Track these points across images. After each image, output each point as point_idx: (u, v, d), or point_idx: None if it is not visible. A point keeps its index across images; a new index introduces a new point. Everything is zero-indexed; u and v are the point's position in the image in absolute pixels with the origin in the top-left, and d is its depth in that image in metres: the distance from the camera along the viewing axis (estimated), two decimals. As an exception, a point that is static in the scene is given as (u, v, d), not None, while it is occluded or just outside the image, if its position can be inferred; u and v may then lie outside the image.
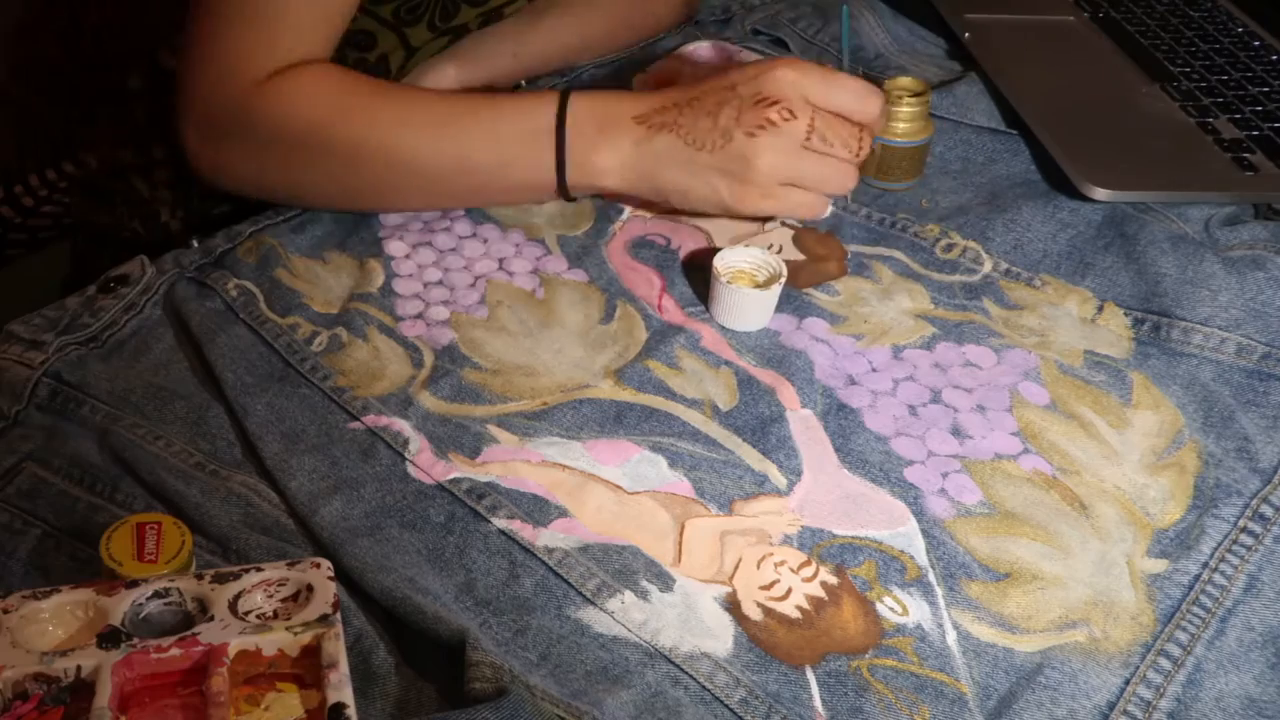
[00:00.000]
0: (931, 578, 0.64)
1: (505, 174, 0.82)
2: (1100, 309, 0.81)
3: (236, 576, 0.57)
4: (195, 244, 0.82)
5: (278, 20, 0.81)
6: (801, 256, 0.85)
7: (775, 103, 0.77)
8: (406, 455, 0.69)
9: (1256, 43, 1.09)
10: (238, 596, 0.56)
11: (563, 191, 0.82)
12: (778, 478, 0.69)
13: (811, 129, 0.77)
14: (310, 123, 0.80)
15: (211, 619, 0.55)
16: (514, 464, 0.69)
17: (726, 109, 0.78)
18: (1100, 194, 0.89)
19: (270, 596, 0.57)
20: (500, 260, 0.83)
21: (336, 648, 0.54)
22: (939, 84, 1.02)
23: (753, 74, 0.78)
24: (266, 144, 0.81)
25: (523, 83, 0.98)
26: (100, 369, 0.73)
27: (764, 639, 0.61)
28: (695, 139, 0.79)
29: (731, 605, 0.62)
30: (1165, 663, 0.61)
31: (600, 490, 0.67)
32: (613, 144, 0.80)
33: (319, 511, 0.65)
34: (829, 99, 0.78)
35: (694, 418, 0.72)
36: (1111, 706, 0.60)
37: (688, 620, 0.61)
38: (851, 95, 0.78)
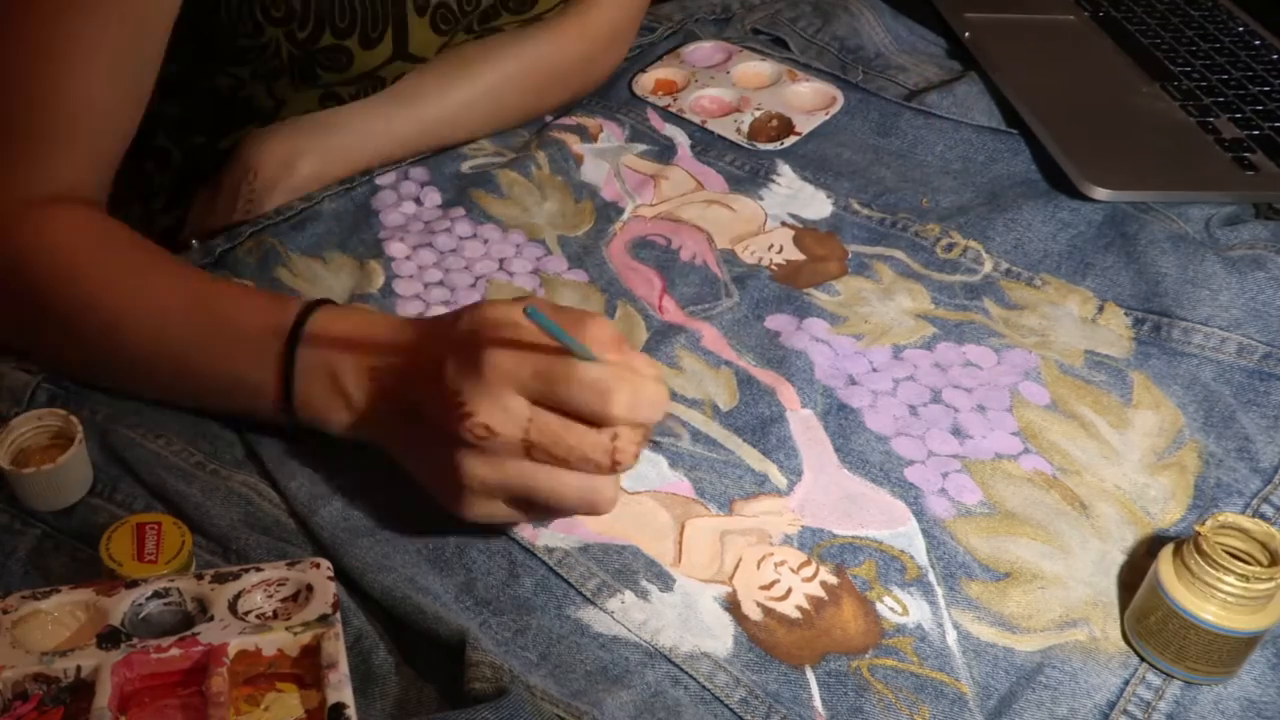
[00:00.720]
0: (931, 577, 0.64)
1: (224, 397, 0.68)
2: (1101, 309, 0.81)
3: (236, 576, 0.57)
4: (195, 244, 0.82)
5: (31, 139, 0.70)
6: (802, 256, 0.85)
7: (470, 414, 0.57)
8: (406, 455, 0.68)
9: (1257, 42, 1.09)
10: (237, 596, 0.56)
11: (290, 426, 0.67)
12: (778, 478, 0.69)
13: (529, 444, 0.57)
14: (39, 271, 0.68)
15: (211, 619, 0.55)
16: (514, 464, 0.68)
17: (431, 403, 0.59)
18: (1100, 194, 0.89)
19: (270, 596, 0.57)
20: (501, 261, 0.83)
21: (336, 648, 0.54)
22: (939, 84, 1.02)
23: (464, 355, 0.58)
24: (10, 293, 0.70)
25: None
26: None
27: (764, 639, 0.61)
28: (408, 430, 0.62)
29: (731, 605, 0.62)
30: (1165, 663, 0.61)
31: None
32: (344, 404, 0.64)
33: (319, 511, 0.65)
34: (554, 399, 0.57)
35: (694, 417, 0.72)
36: (1111, 706, 0.60)
37: (688, 620, 0.61)
38: (581, 394, 0.57)
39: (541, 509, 0.61)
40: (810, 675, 0.60)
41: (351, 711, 0.52)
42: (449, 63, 0.89)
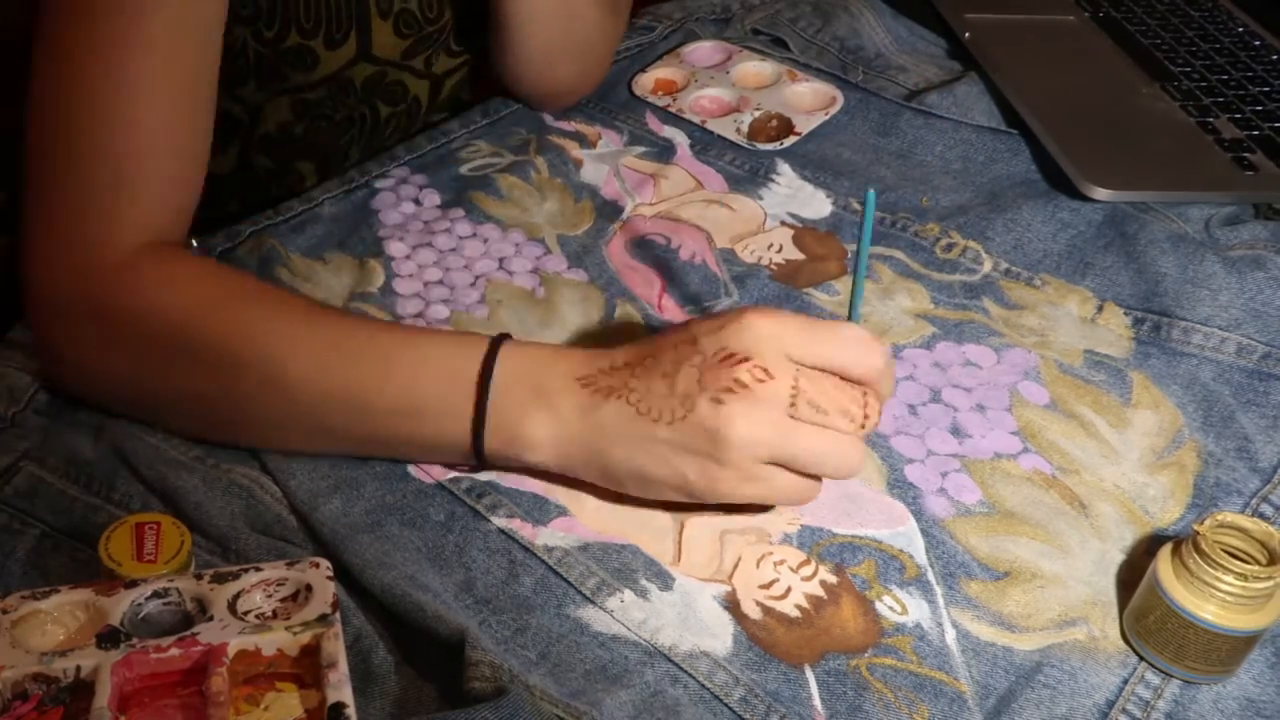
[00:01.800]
0: (931, 577, 0.64)
1: (406, 425, 0.65)
2: (1100, 309, 0.81)
3: (236, 576, 0.57)
4: (194, 244, 0.82)
5: (120, 187, 0.67)
6: (801, 256, 0.85)
7: (745, 359, 0.60)
8: (406, 455, 0.68)
9: (1257, 42, 1.09)
10: (237, 596, 0.56)
11: (479, 460, 0.65)
12: (777, 477, 0.69)
13: (796, 393, 0.60)
14: (174, 319, 0.65)
15: (211, 619, 0.55)
16: (513, 463, 0.69)
17: (686, 368, 0.61)
18: (1100, 194, 0.89)
19: (269, 596, 0.57)
20: (500, 260, 0.83)
21: (336, 647, 0.54)
22: (939, 84, 1.02)
23: (717, 324, 0.61)
24: (121, 341, 0.66)
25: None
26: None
27: (763, 638, 0.61)
28: (650, 406, 0.61)
29: (731, 604, 0.62)
30: (1165, 662, 0.61)
31: (600, 489, 0.67)
32: (549, 411, 0.63)
33: (319, 509, 0.65)
34: (817, 354, 0.60)
35: (693, 417, 0.72)
36: (1110, 705, 0.60)
37: (687, 619, 0.61)
38: (847, 348, 0.61)
39: (786, 482, 0.62)
40: (809, 674, 0.60)
41: (351, 711, 0.52)
42: None
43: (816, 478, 0.63)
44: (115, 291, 0.66)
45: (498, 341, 0.64)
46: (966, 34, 1.08)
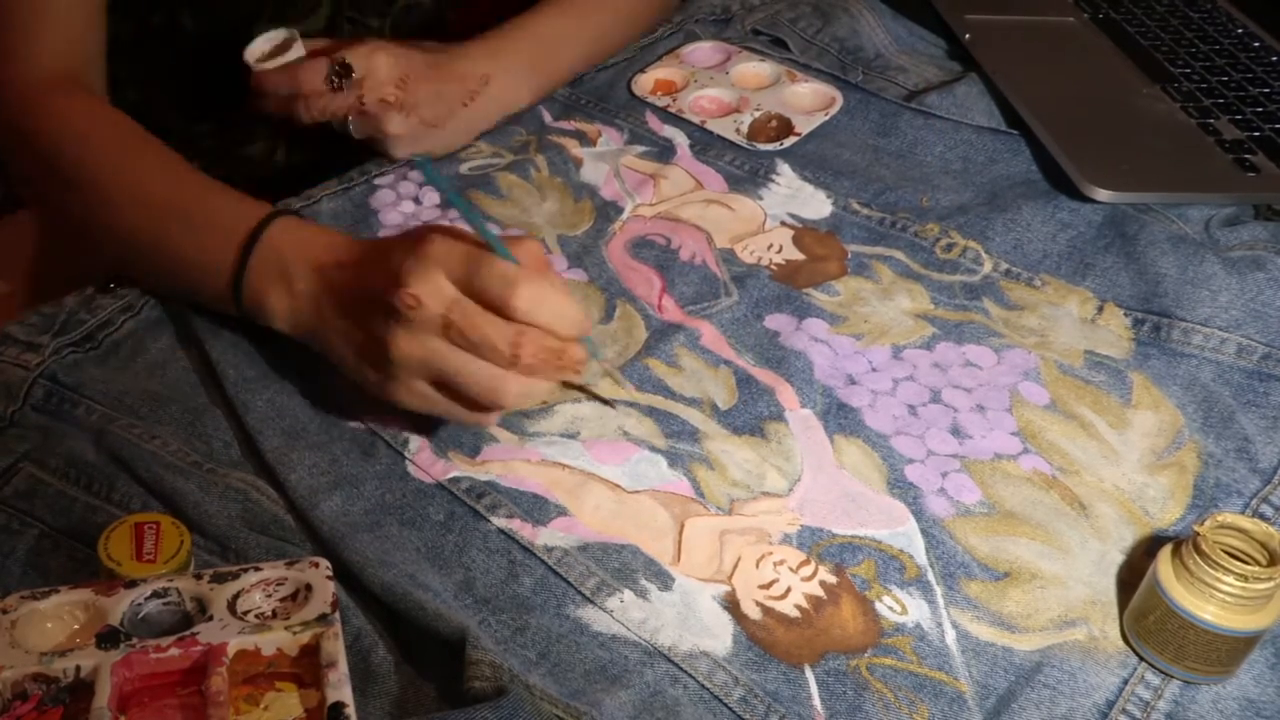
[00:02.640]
0: (931, 577, 0.64)
1: (188, 274, 0.74)
2: (1100, 309, 0.81)
3: (235, 576, 0.57)
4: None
5: (22, 36, 0.81)
6: (801, 256, 0.85)
7: (403, 285, 0.63)
8: (406, 454, 0.69)
9: (1257, 43, 1.09)
10: (236, 596, 0.56)
11: (240, 312, 0.73)
12: (777, 477, 0.69)
13: (449, 323, 0.63)
14: (52, 144, 0.79)
15: (210, 619, 0.55)
16: (513, 463, 0.69)
17: (374, 280, 0.65)
18: (1101, 194, 0.89)
19: (269, 596, 0.57)
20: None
21: (335, 647, 0.54)
22: (939, 84, 1.02)
23: (409, 244, 0.65)
24: (27, 156, 0.81)
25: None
26: (96, 371, 0.73)
27: (763, 638, 0.61)
28: (349, 309, 0.67)
29: (730, 604, 0.62)
30: (1165, 662, 0.61)
31: (599, 489, 0.67)
32: (287, 289, 0.70)
33: (319, 506, 0.65)
34: (472, 287, 0.63)
35: (694, 416, 0.72)
36: (1110, 705, 0.59)
37: (687, 619, 0.61)
38: (495, 284, 0.63)
39: (454, 397, 0.66)
40: (809, 674, 0.60)
41: (351, 711, 0.52)
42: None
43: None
44: (22, 116, 0.80)
45: (272, 217, 0.72)
46: (966, 35, 1.08)
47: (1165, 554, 0.60)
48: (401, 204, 0.87)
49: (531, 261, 0.65)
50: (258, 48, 0.85)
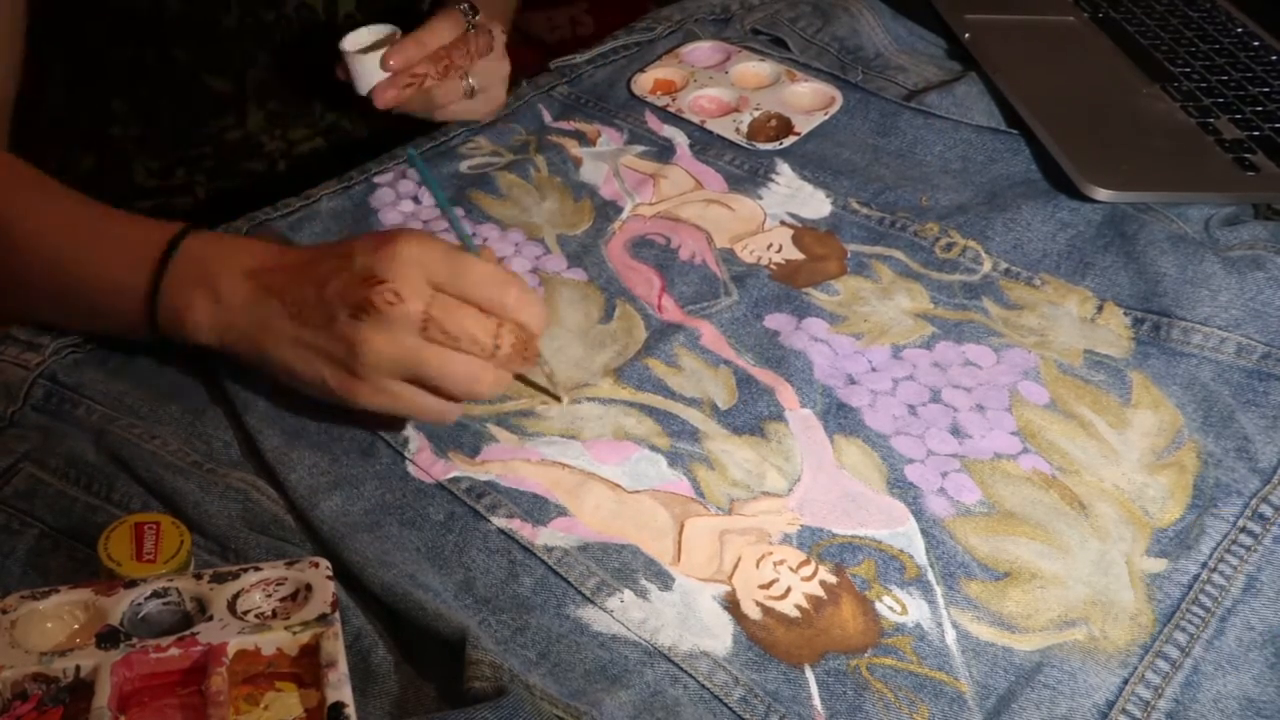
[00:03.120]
0: (931, 577, 0.64)
1: (95, 301, 0.71)
2: (1100, 309, 0.81)
3: (235, 576, 0.57)
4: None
5: None
6: (801, 256, 0.85)
7: (381, 283, 0.63)
8: (406, 454, 0.69)
9: (1256, 43, 1.09)
10: (236, 596, 0.56)
11: (154, 333, 0.70)
12: (777, 477, 0.69)
13: (427, 318, 0.63)
14: None
15: (210, 619, 0.55)
16: (513, 463, 0.69)
17: (334, 280, 0.64)
18: (1101, 194, 0.89)
19: (269, 596, 0.57)
20: (500, 260, 0.83)
21: (335, 647, 0.54)
22: (939, 84, 1.02)
23: (372, 244, 0.65)
24: None
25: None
26: (96, 371, 0.73)
27: (763, 638, 0.61)
28: (299, 310, 0.65)
29: (730, 604, 0.62)
30: (1163, 663, 0.61)
31: (599, 489, 0.67)
32: (213, 298, 0.67)
33: (319, 505, 0.65)
34: (455, 285, 0.64)
35: (694, 416, 0.72)
36: (1110, 706, 0.60)
37: (687, 619, 0.61)
38: (478, 283, 0.64)
39: (428, 394, 0.65)
40: (809, 674, 0.60)
41: (351, 710, 0.52)
42: None
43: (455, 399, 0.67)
44: None
45: (186, 232, 0.69)
46: (966, 34, 1.08)
47: None
48: (401, 203, 0.87)
49: (494, 261, 0.68)
50: (360, 38, 0.87)
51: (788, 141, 0.95)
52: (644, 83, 1.01)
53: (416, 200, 0.88)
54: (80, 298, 0.72)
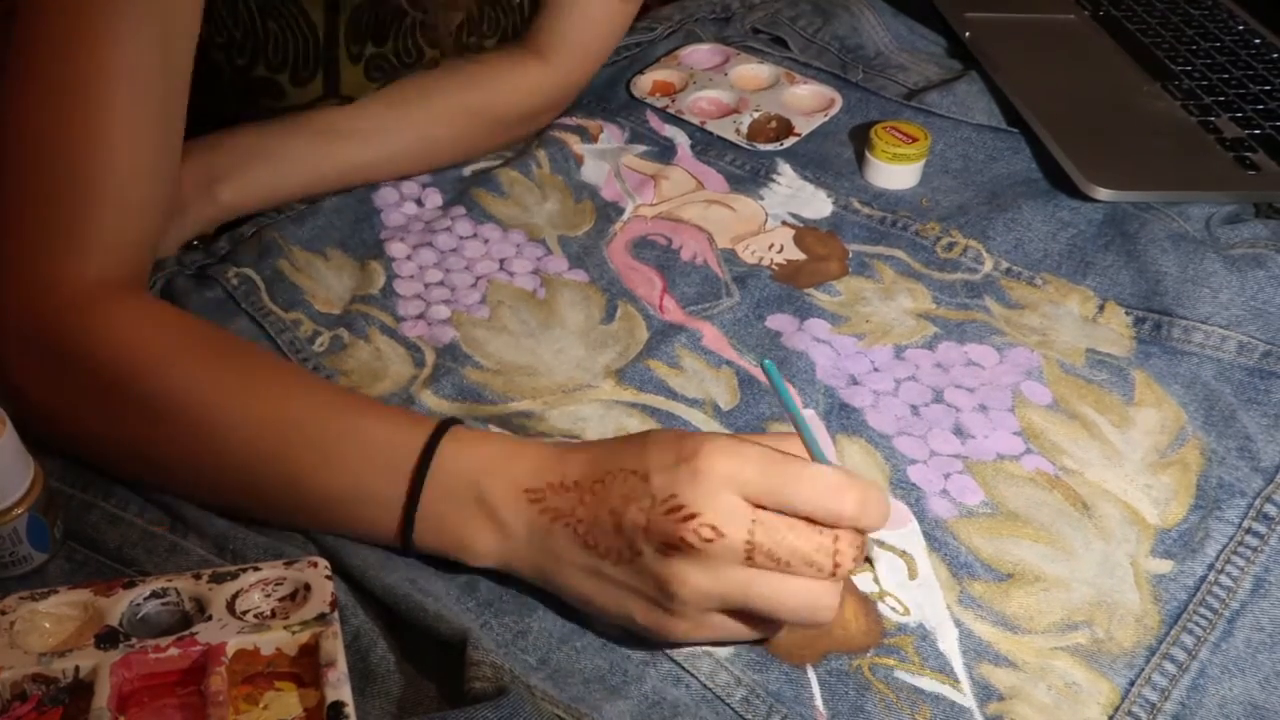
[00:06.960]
0: (933, 578, 0.64)
1: (339, 511, 0.61)
2: (1101, 308, 0.81)
3: (234, 576, 0.57)
4: (196, 244, 0.82)
5: (82, 227, 0.64)
6: (802, 256, 0.84)
7: (693, 515, 0.53)
8: (406, 455, 0.68)
9: (1257, 41, 1.09)
10: (235, 596, 0.56)
11: (407, 549, 0.61)
12: (779, 477, 0.68)
13: (752, 547, 0.54)
14: (121, 369, 0.62)
15: (209, 619, 0.55)
16: (514, 464, 0.68)
17: (634, 509, 0.55)
18: (1102, 193, 0.89)
19: (268, 596, 0.57)
20: (501, 261, 0.83)
21: (335, 646, 0.54)
22: (939, 83, 1.02)
23: (672, 458, 0.55)
24: (71, 384, 0.63)
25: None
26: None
27: (766, 639, 0.60)
28: (596, 541, 0.56)
29: (733, 605, 0.62)
30: (1170, 665, 0.61)
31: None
32: (494, 524, 0.59)
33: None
34: (778, 499, 0.54)
35: (695, 417, 0.72)
36: (1115, 709, 0.59)
37: (689, 620, 0.61)
38: (811, 496, 0.54)
39: (756, 620, 0.57)
40: (811, 674, 0.59)
41: (350, 710, 0.52)
42: (384, 100, 0.86)
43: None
44: (67, 334, 0.63)
45: (441, 431, 0.60)
46: (967, 33, 1.08)
47: None
48: (404, 205, 0.87)
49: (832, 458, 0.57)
50: None
51: (788, 142, 0.95)
52: (643, 84, 1.01)
53: (419, 203, 0.87)
54: (311, 502, 0.61)
